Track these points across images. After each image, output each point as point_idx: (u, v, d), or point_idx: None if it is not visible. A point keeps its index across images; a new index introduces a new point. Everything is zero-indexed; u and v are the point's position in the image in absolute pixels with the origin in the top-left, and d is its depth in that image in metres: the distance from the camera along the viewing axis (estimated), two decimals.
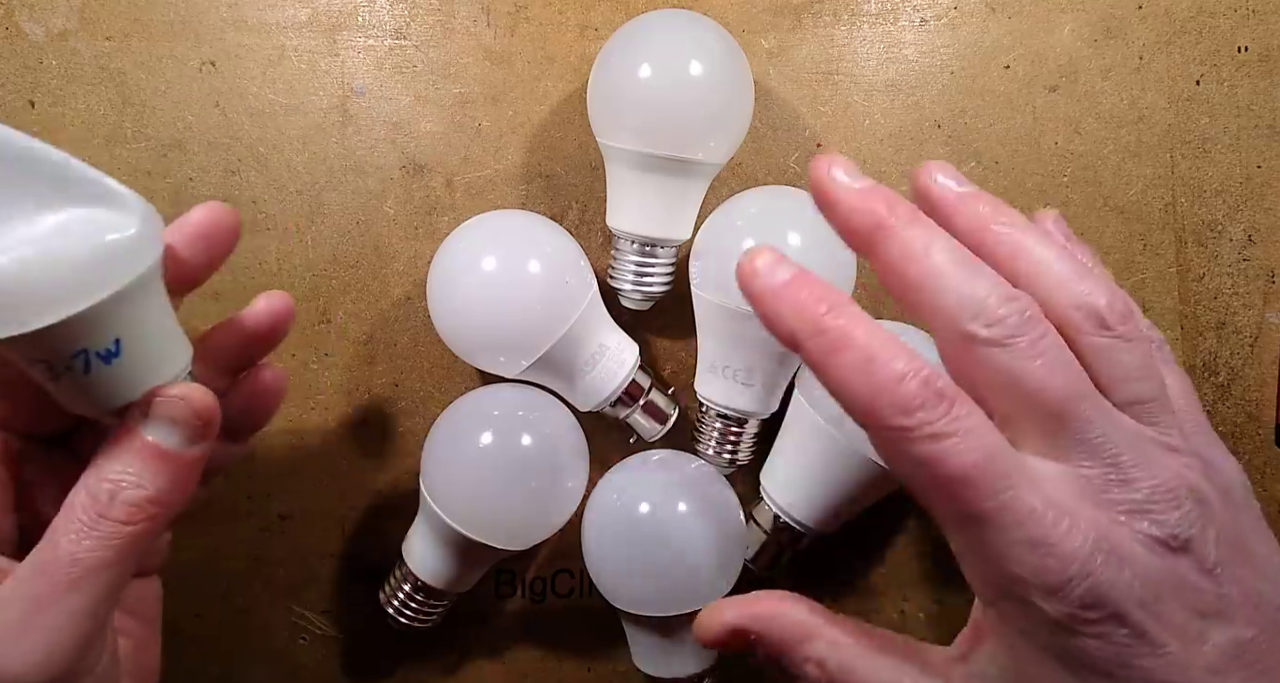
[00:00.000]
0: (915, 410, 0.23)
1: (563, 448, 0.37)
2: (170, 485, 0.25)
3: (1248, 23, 0.41)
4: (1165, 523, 0.23)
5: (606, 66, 0.37)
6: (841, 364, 0.24)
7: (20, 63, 0.40)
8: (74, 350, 0.23)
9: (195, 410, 0.25)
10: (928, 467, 0.23)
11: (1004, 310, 0.23)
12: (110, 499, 0.24)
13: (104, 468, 0.25)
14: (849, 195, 0.25)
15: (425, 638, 0.41)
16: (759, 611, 0.28)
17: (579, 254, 0.37)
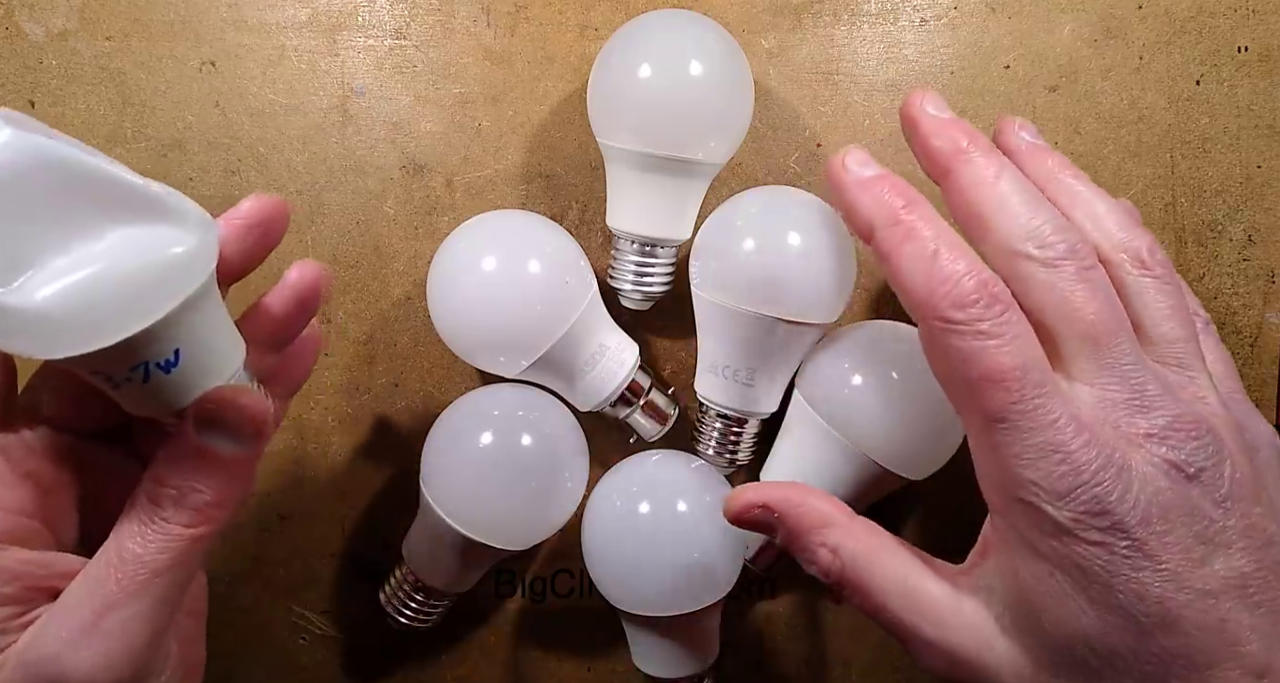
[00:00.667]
0: (968, 306, 0.25)
1: (563, 448, 0.37)
2: (228, 487, 0.26)
3: (1248, 23, 0.41)
4: (1181, 449, 0.25)
5: (606, 66, 0.37)
6: (908, 254, 0.26)
7: (20, 63, 0.40)
8: (134, 364, 0.24)
9: (249, 416, 0.26)
10: (969, 362, 0.25)
11: (1056, 237, 0.26)
12: (173, 505, 0.25)
13: (164, 474, 0.25)
14: (934, 123, 0.28)
15: (425, 638, 0.41)
16: (787, 494, 0.30)
17: (579, 254, 0.37)
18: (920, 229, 0.26)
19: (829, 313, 0.36)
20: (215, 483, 0.25)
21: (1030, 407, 0.24)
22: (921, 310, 0.26)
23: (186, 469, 0.25)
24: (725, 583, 0.37)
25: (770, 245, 0.35)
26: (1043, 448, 0.24)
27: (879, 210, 0.27)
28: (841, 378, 0.36)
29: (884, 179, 0.28)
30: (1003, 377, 0.24)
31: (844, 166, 0.28)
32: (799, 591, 0.42)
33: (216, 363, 0.26)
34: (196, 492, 0.25)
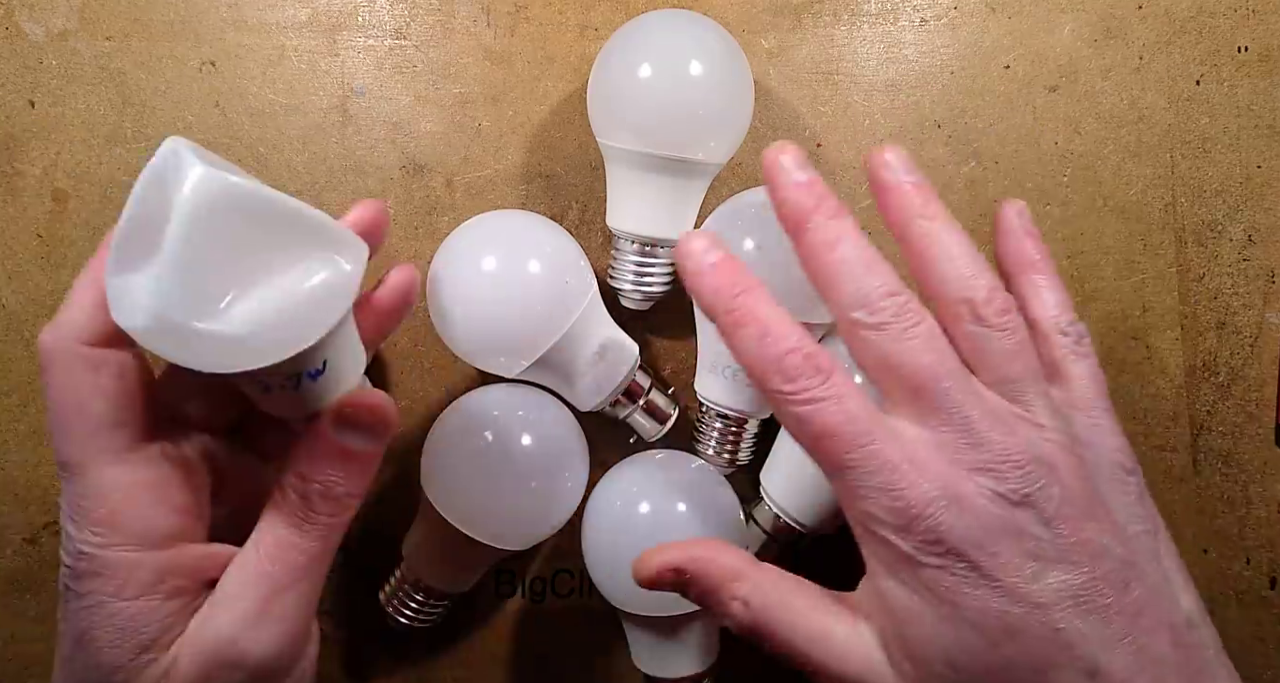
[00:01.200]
0: (796, 378, 0.28)
1: (563, 448, 0.37)
2: (361, 480, 0.29)
3: (1248, 23, 0.41)
4: (1006, 480, 0.27)
5: (606, 66, 0.37)
6: (742, 337, 0.29)
7: (20, 63, 0.40)
8: (290, 374, 0.27)
9: (381, 418, 0.28)
10: (804, 424, 0.28)
11: (884, 303, 0.28)
12: (319, 498, 0.28)
13: (306, 471, 0.28)
14: (788, 184, 0.30)
15: (425, 638, 0.41)
16: (695, 553, 0.31)
17: (579, 254, 0.37)
18: (750, 314, 0.29)
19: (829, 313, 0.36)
20: (352, 477, 0.28)
21: (863, 454, 0.27)
22: (760, 384, 0.29)
23: (328, 466, 0.28)
24: None
25: (770, 245, 0.35)
26: (881, 487, 0.27)
27: (716, 299, 0.29)
28: None
29: (722, 266, 0.29)
30: (834, 432, 0.27)
31: (687, 254, 0.30)
32: None
33: (351, 369, 0.29)
34: (337, 484, 0.28)
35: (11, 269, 0.40)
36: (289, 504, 0.28)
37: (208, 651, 0.26)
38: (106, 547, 0.26)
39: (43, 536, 0.41)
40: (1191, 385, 0.41)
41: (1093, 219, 0.41)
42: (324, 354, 0.27)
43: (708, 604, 0.31)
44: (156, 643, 0.27)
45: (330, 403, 0.28)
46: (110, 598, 0.26)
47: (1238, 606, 0.41)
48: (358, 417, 0.28)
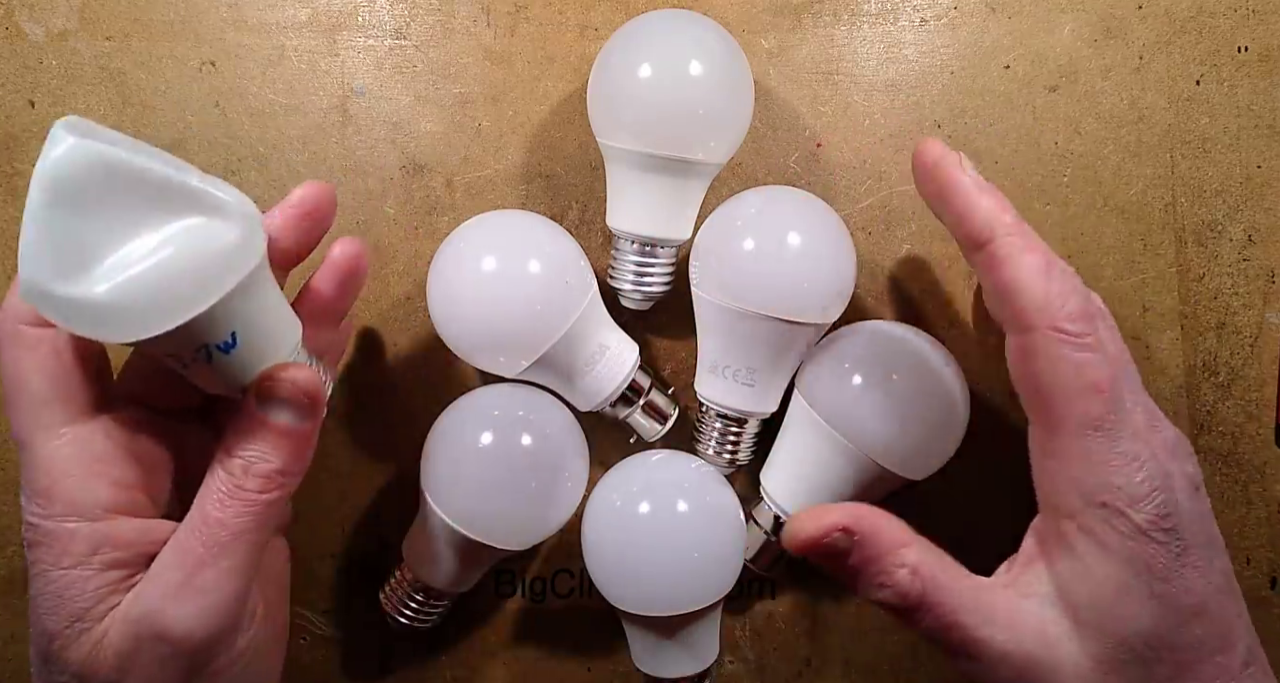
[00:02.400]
0: (1079, 320, 0.27)
1: (563, 448, 0.37)
2: (291, 456, 0.28)
3: (1248, 23, 0.41)
4: (1189, 463, 0.29)
5: (606, 66, 0.37)
6: (1029, 263, 0.28)
7: (20, 63, 0.40)
8: (195, 346, 0.26)
9: (304, 390, 0.28)
10: (1078, 371, 0.27)
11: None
12: (244, 473, 0.28)
13: (234, 446, 0.28)
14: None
15: (425, 638, 0.41)
16: (862, 514, 0.30)
17: (579, 254, 0.37)
18: (1037, 242, 0.28)
19: (829, 313, 0.36)
20: (280, 451, 0.28)
21: (1121, 417, 0.28)
22: (1034, 318, 0.28)
23: (253, 440, 0.28)
24: (725, 583, 0.37)
25: (770, 245, 0.35)
26: (1127, 455, 0.27)
27: (1002, 216, 0.28)
28: (841, 378, 0.36)
29: (997, 190, 0.29)
30: (1104, 387, 0.27)
31: (962, 168, 0.29)
32: (799, 591, 0.42)
33: (273, 343, 0.28)
34: (265, 460, 0.28)
35: (11, 269, 0.40)
36: (215, 479, 0.28)
37: (134, 622, 0.27)
38: (46, 517, 0.27)
39: None
40: (1191, 385, 0.41)
41: (1093, 219, 0.41)
42: (228, 326, 0.27)
43: (867, 572, 0.29)
44: (89, 613, 0.27)
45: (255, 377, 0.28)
46: (50, 567, 0.27)
47: None
48: (275, 389, 0.28)
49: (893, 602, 0.29)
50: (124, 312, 0.24)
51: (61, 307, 0.24)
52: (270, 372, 0.28)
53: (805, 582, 0.42)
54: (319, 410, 0.29)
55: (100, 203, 0.24)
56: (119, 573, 0.28)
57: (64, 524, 0.27)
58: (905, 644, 0.42)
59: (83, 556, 0.27)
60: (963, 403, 0.36)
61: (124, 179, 0.25)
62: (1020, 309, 0.28)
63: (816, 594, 0.42)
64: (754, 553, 0.39)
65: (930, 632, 0.29)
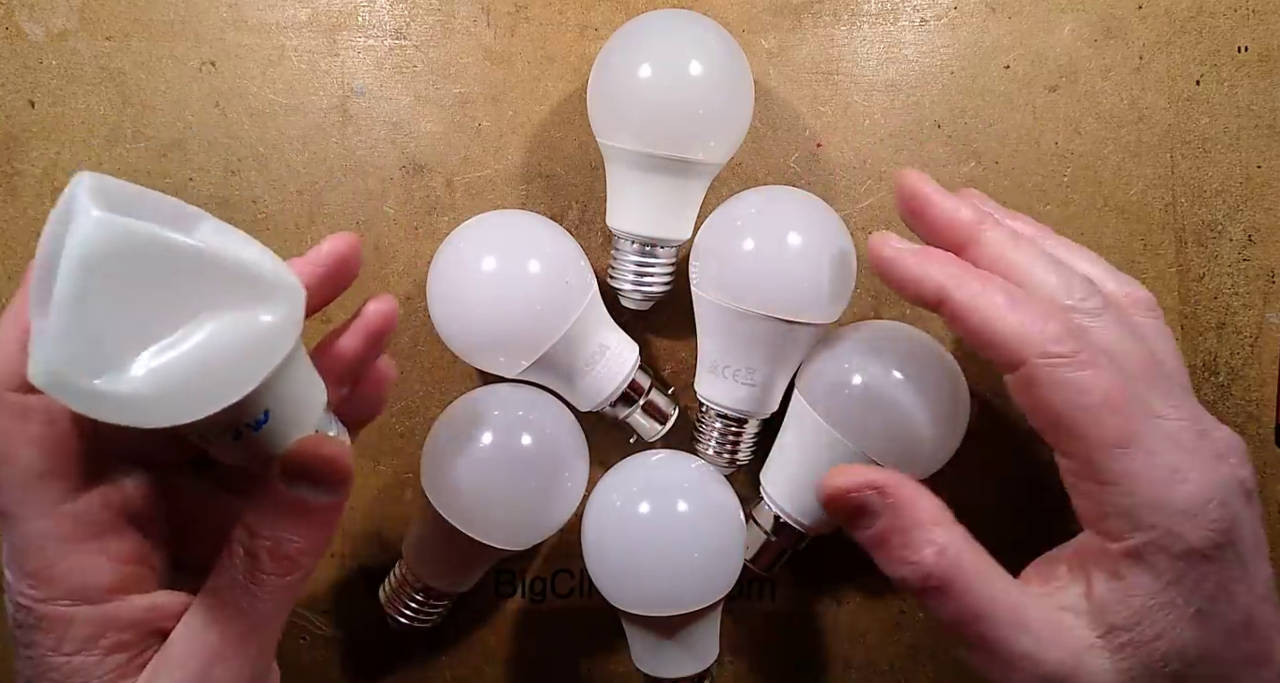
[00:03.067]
0: (1065, 340, 0.26)
1: (563, 448, 0.37)
2: (317, 534, 0.27)
3: (1248, 23, 0.41)
4: (1243, 468, 0.27)
5: (606, 66, 0.37)
6: (991, 304, 0.27)
7: (20, 63, 0.40)
8: (225, 428, 0.24)
9: (335, 466, 0.26)
10: (1086, 390, 0.26)
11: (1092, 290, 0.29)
12: (268, 556, 0.26)
13: (257, 527, 0.26)
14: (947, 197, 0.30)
15: (425, 638, 0.41)
16: (902, 481, 0.28)
17: (579, 254, 0.37)
18: (992, 281, 0.27)
19: (829, 313, 0.36)
20: (306, 531, 0.26)
21: (1151, 428, 0.26)
22: (1021, 353, 0.26)
23: (278, 520, 0.26)
24: (725, 583, 0.37)
25: (770, 245, 0.35)
26: (1169, 468, 0.25)
27: (948, 272, 0.28)
28: (841, 378, 0.36)
29: (934, 250, 0.29)
30: (1119, 398, 0.26)
31: (886, 243, 0.29)
32: (799, 591, 0.42)
33: (302, 414, 0.26)
34: (290, 541, 0.26)
35: (12, 269, 0.40)
36: (235, 563, 0.26)
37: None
38: (42, 601, 0.25)
39: None
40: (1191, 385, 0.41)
41: (1093, 219, 0.41)
42: (263, 405, 0.25)
43: (893, 543, 0.28)
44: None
45: (283, 450, 0.26)
46: (50, 653, 0.25)
47: None
48: (309, 467, 0.26)
49: (913, 581, 0.27)
50: (158, 403, 0.22)
51: (89, 399, 0.22)
52: (298, 448, 0.26)
53: (805, 582, 0.42)
54: (347, 484, 0.27)
55: (132, 286, 0.22)
56: (126, 655, 0.26)
57: (62, 608, 0.25)
58: (905, 645, 0.42)
59: (85, 641, 0.25)
60: (963, 403, 0.36)
61: (158, 258, 0.22)
62: (1000, 352, 0.27)
63: (816, 594, 0.42)
64: (754, 553, 0.39)
65: (949, 620, 0.27)
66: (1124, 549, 0.26)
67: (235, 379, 0.23)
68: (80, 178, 0.22)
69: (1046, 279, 0.28)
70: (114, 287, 0.22)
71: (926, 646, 0.42)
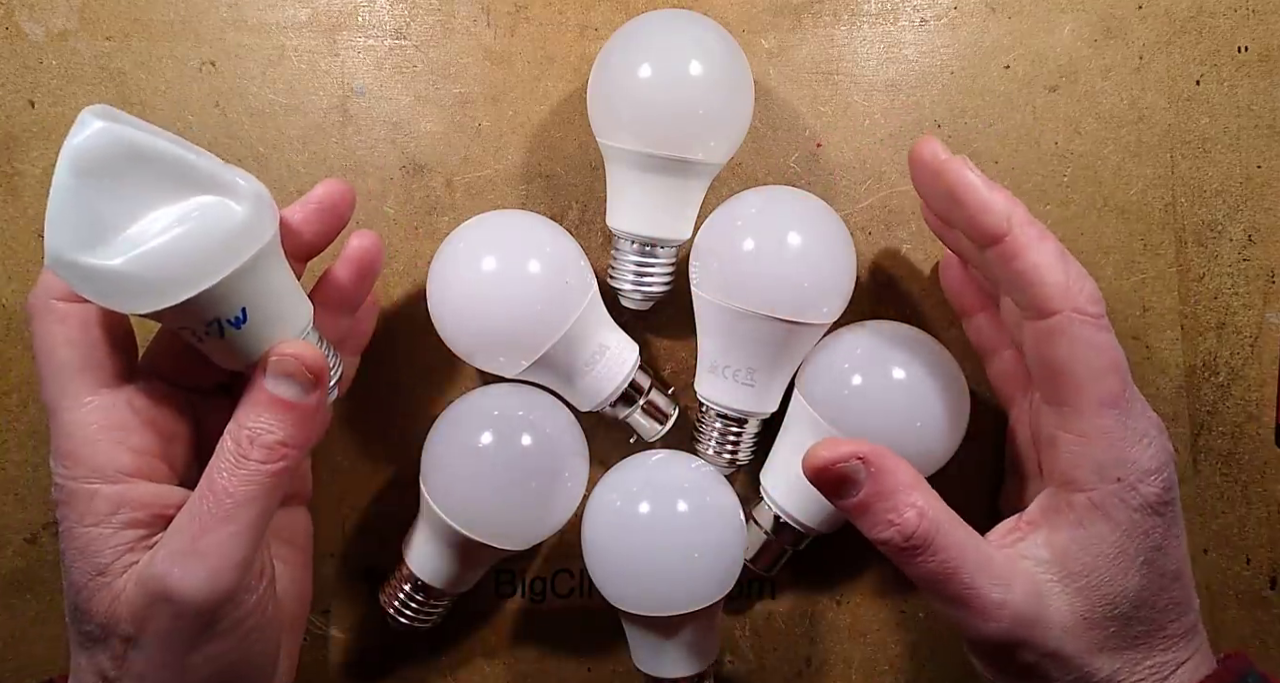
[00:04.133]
0: (1098, 303, 0.30)
1: (563, 448, 0.37)
2: (295, 429, 0.30)
3: (1248, 23, 0.41)
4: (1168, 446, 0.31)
5: (606, 66, 0.37)
6: (1048, 250, 0.29)
7: (20, 63, 0.40)
8: (208, 319, 0.28)
9: (307, 365, 0.30)
10: (1101, 351, 0.29)
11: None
12: (250, 444, 0.29)
13: (241, 418, 0.30)
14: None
15: (425, 638, 0.41)
16: (882, 451, 0.31)
17: (579, 254, 0.37)
18: (1048, 232, 0.30)
19: (829, 313, 0.36)
20: (284, 424, 0.29)
21: (1134, 394, 0.30)
22: (1058, 302, 0.29)
23: (259, 412, 0.29)
24: (725, 583, 0.37)
25: (770, 245, 0.35)
26: (1139, 432, 0.30)
27: (1016, 208, 0.30)
28: (841, 378, 0.36)
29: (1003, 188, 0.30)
30: (1121, 366, 0.30)
31: (968, 166, 0.30)
32: (799, 591, 0.42)
33: (282, 321, 0.30)
34: (269, 432, 0.29)
35: (12, 269, 0.40)
36: (223, 449, 0.29)
37: (145, 582, 0.28)
38: (71, 478, 0.29)
39: (43, 535, 0.41)
40: (1191, 385, 0.41)
41: (1093, 219, 0.41)
42: (239, 302, 0.28)
43: (876, 508, 0.30)
44: (110, 568, 0.29)
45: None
46: (75, 524, 0.29)
47: (1238, 606, 0.41)
48: (281, 364, 0.29)
49: (897, 541, 0.30)
50: (140, 282, 0.26)
51: (83, 275, 0.26)
52: (276, 347, 0.30)
53: (805, 582, 0.42)
54: (323, 386, 0.30)
55: (121, 181, 0.26)
56: (137, 532, 0.29)
57: (86, 485, 0.29)
58: (905, 644, 0.42)
59: (104, 515, 0.29)
60: (963, 403, 0.36)
61: (145, 159, 0.27)
62: (1044, 294, 0.29)
63: (816, 594, 0.42)
64: (754, 553, 0.39)
65: (928, 576, 0.30)
66: (1089, 499, 0.30)
67: (207, 266, 0.27)
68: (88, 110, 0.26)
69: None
70: (104, 181, 0.26)
71: (926, 645, 0.42)
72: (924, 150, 0.31)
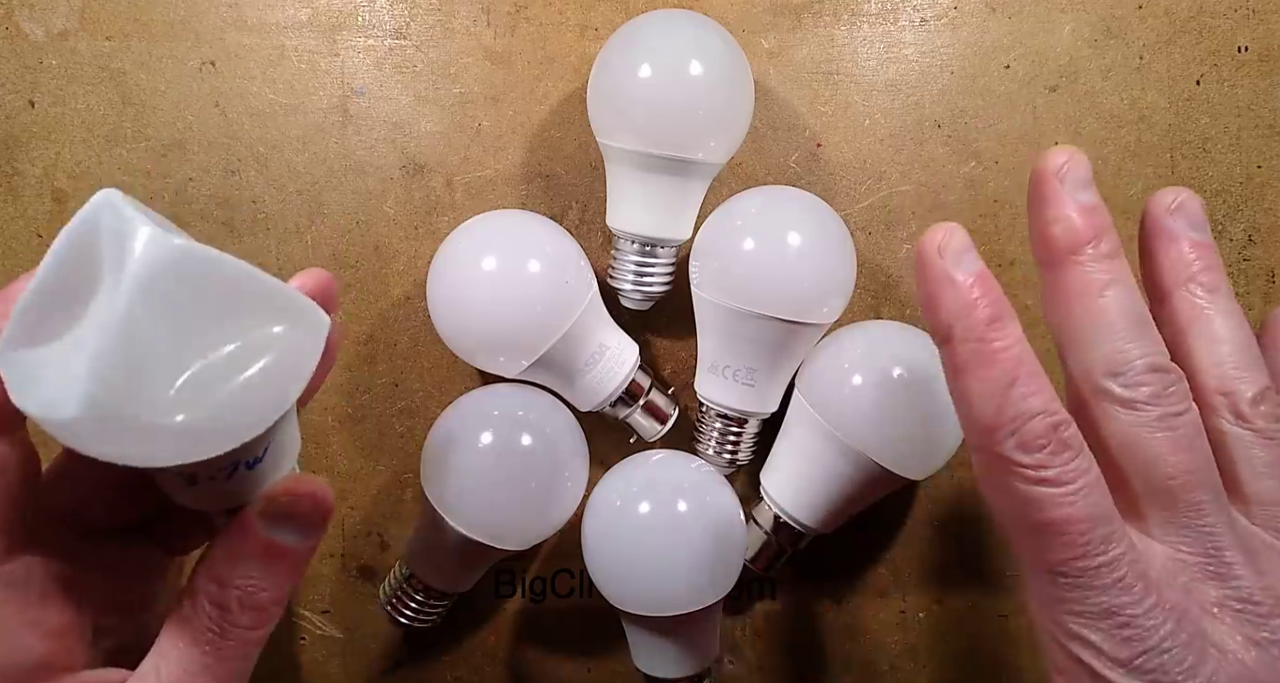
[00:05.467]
0: (1035, 450, 0.23)
1: (563, 448, 0.37)
2: (284, 582, 0.25)
3: (1248, 23, 0.41)
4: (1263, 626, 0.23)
5: (607, 66, 0.37)
6: (981, 378, 0.23)
7: (20, 63, 0.40)
8: (229, 464, 0.23)
9: (319, 507, 0.25)
10: (1031, 508, 0.23)
11: (1146, 377, 0.23)
12: (239, 607, 0.24)
13: (223, 574, 0.24)
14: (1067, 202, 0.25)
15: (425, 638, 0.41)
16: None
17: (579, 254, 0.37)
18: (1001, 354, 0.23)
19: (829, 313, 0.36)
20: (279, 578, 0.24)
21: (1094, 563, 0.22)
22: (983, 440, 0.24)
23: (251, 566, 0.24)
24: (725, 583, 0.37)
25: (770, 245, 0.35)
26: (1106, 609, 0.22)
27: (964, 318, 0.24)
28: (841, 378, 0.36)
29: (980, 282, 0.24)
30: (1067, 529, 0.22)
31: (939, 251, 0.24)
32: (799, 591, 0.42)
33: (288, 455, 0.25)
34: (263, 590, 0.24)
35: (12, 269, 0.40)
36: (200, 617, 0.23)
37: None
38: None
39: None
40: None
41: None
42: (266, 441, 0.23)
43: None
44: None
45: (260, 493, 0.24)
46: None
47: None
48: (295, 507, 0.24)
49: None
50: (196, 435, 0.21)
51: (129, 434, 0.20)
52: (284, 488, 0.24)
53: (805, 582, 0.42)
54: (326, 526, 0.25)
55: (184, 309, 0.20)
56: None
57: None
58: (905, 645, 0.42)
59: None
60: None
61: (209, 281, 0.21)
62: (966, 426, 0.24)
63: (816, 594, 0.42)
64: (754, 553, 0.39)
65: None
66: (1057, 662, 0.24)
67: (265, 407, 0.22)
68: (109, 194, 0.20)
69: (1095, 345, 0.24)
70: (164, 307, 0.20)
71: (926, 645, 0.42)
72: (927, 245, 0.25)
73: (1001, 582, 0.42)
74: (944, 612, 0.42)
